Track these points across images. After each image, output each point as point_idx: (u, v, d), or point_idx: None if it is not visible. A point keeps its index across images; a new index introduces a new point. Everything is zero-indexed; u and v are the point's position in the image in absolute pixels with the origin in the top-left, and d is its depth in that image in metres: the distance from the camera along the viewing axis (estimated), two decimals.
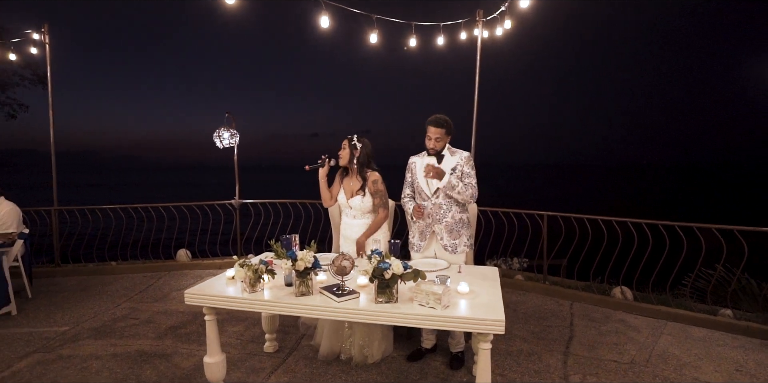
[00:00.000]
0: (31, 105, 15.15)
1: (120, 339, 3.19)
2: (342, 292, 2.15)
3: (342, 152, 2.88)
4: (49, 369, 2.75)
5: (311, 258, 2.14)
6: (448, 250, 2.76)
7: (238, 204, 5.13)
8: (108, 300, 4.06)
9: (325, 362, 2.85)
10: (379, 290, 2.07)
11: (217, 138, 4.60)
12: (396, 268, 2.04)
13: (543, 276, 4.28)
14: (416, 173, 2.82)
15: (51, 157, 4.84)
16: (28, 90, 14.40)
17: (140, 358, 2.90)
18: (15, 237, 3.88)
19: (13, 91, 14.33)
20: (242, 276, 2.19)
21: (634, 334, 3.28)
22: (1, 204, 3.99)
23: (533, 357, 2.92)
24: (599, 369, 2.77)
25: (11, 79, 13.98)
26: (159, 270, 4.98)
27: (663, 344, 3.11)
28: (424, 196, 2.79)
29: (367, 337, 2.82)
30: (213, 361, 2.35)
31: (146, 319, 3.58)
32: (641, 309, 3.63)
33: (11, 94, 14.34)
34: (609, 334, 3.29)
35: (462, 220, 2.79)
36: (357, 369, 2.75)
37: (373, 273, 2.04)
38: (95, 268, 4.94)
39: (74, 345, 3.10)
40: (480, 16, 4.33)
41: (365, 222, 2.93)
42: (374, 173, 2.90)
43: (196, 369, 2.75)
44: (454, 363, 2.80)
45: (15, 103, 14.57)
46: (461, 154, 2.76)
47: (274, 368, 2.78)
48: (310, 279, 2.18)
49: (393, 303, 2.08)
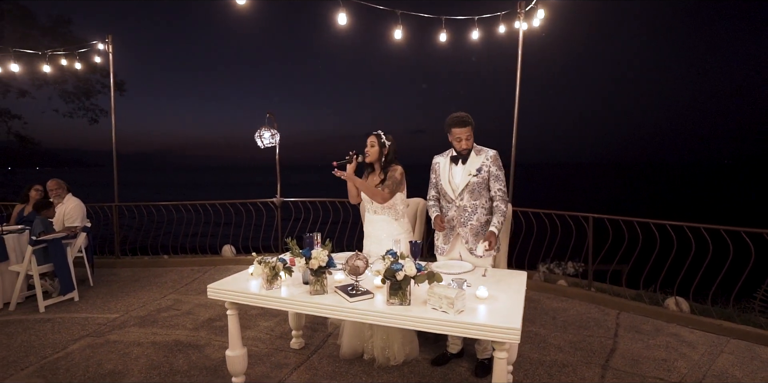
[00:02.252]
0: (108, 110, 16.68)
1: (161, 329, 3.38)
2: (355, 292, 2.12)
3: (370, 149, 2.84)
4: (96, 352, 2.98)
5: (325, 257, 2.13)
6: (474, 254, 2.64)
7: (279, 202, 5.28)
8: (156, 291, 4.34)
9: (348, 361, 2.84)
10: (392, 291, 2.02)
11: (258, 138, 4.75)
12: (408, 269, 1.97)
13: (588, 282, 3.99)
14: (440, 173, 2.73)
15: (113, 156, 5.25)
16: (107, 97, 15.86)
17: (175, 347, 3.05)
18: (78, 230, 4.25)
19: (96, 98, 15.85)
20: (260, 273, 2.23)
21: (687, 350, 2.96)
22: (69, 201, 4.39)
23: (567, 369, 2.73)
24: None
25: (94, 87, 15.48)
26: (205, 265, 5.25)
27: (722, 364, 2.78)
28: (448, 198, 2.69)
29: (388, 339, 2.77)
30: (234, 354, 2.41)
31: (187, 311, 3.77)
32: (699, 322, 3.28)
33: (94, 100, 15.87)
34: (657, 349, 3.00)
35: (488, 223, 2.65)
36: (379, 370, 2.71)
37: (385, 273, 1.99)
38: (149, 261, 5.30)
39: (121, 331, 3.34)
40: (521, 7, 4.13)
41: (386, 218, 2.87)
42: (397, 167, 2.83)
43: (224, 361, 2.82)
44: (480, 370, 2.68)
45: (97, 108, 16.12)
46: (487, 153, 2.63)
47: (298, 365, 2.81)
48: (325, 278, 2.17)
49: (405, 305, 2.01)
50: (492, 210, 2.66)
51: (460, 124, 2.58)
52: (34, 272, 3.74)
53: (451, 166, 2.67)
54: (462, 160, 2.64)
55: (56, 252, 3.83)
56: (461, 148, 2.61)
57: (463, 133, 2.58)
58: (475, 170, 2.58)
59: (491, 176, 2.60)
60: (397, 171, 2.81)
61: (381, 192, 2.73)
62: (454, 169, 2.66)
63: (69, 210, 4.31)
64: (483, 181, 2.60)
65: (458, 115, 2.58)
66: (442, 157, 2.77)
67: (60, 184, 4.41)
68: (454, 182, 2.64)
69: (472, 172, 2.58)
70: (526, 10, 3.95)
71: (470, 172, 2.59)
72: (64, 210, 4.31)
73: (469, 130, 2.59)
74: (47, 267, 3.86)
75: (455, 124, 2.59)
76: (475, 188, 2.59)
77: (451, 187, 2.65)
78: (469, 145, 2.60)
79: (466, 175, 2.60)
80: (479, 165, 2.59)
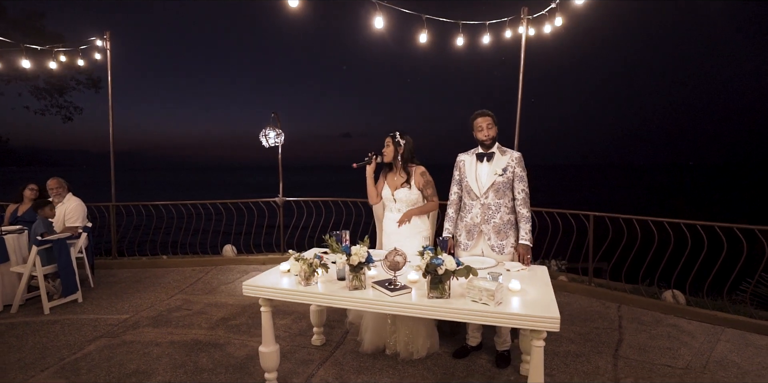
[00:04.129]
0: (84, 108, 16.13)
1: (176, 328, 3.36)
2: (394, 287, 2.19)
3: (386, 149, 2.93)
4: (115, 352, 2.95)
5: (365, 253, 2.19)
6: (495, 251, 2.75)
7: (282, 202, 5.29)
8: (162, 291, 4.29)
9: (372, 356, 2.90)
10: (432, 286, 2.10)
11: (263, 137, 4.76)
12: (449, 264, 2.06)
13: (588, 278, 4.18)
14: (465, 171, 2.83)
15: (110, 156, 5.14)
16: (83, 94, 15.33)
17: (196, 347, 3.05)
18: (80, 230, 4.16)
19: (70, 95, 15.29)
20: (297, 270, 2.28)
21: (687, 339, 3.16)
22: (69, 200, 4.28)
23: (581, 359, 2.87)
24: (652, 373, 2.69)
25: (68, 84, 14.93)
26: (206, 265, 5.20)
27: (721, 351, 2.98)
28: (473, 196, 2.79)
29: (411, 334, 2.86)
30: (268, 351, 2.44)
31: (198, 310, 3.75)
32: (695, 313, 3.49)
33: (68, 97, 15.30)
34: (660, 338, 3.19)
35: (510, 221, 2.77)
36: (404, 364, 2.79)
37: (426, 268, 2.08)
38: (148, 261, 5.21)
39: (135, 332, 3.30)
40: (525, 13, 4.28)
41: None
42: (420, 166, 2.94)
43: (249, 359, 2.87)
44: (501, 361, 2.79)
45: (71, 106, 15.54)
46: (512, 154, 2.75)
47: (323, 360, 2.86)
48: (363, 274, 2.24)
49: (445, 298, 2.10)
50: (514, 209, 2.78)
51: (481, 114, 2.75)
52: (38, 273, 3.65)
53: (477, 164, 2.78)
54: (487, 158, 2.75)
55: (61, 253, 3.74)
56: (484, 136, 2.73)
57: (484, 121, 2.73)
58: (500, 170, 2.70)
59: (516, 177, 2.72)
60: (425, 174, 2.93)
61: (432, 204, 2.95)
62: (480, 167, 2.76)
63: (70, 210, 4.21)
64: (508, 181, 2.72)
65: (480, 110, 2.75)
66: (467, 154, 2.87)
67: (60, 183, 4.31)
68: (480, 180, 2.74)
69: (498, 172, 2.70)
70: (532, 17, 4.10)
71: (496, 172, 2.70)
72: (64, 209, 4.21)
73: (490, 120, 2.73)
74: (51, 268, 3.77)
75: (477, 116, 2.76)
76: (500, 187, 2.71)
77: (477, 185, 2.76)
78: (491, 134, 2.72)
79: (492, 174, 2.71)
80: (505, 165, 2.71)
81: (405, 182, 2.92)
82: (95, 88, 14.98)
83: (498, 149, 2.77)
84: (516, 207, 2.77)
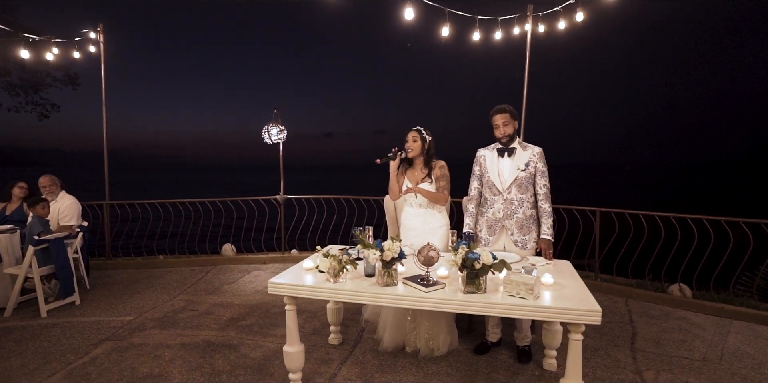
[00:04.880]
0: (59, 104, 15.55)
1: (185, 330, 3.25)
2: (427, 283, 2.15)
3: (413, 144, 2.88)
4: (125, 356, 2.82)
5: (398, 249, 2.15)
6: (518, 246, 2.75)
7: (283, 200, 5.19)
8: (163, 292, 4.14)
9: (392, 354, 2.86)
10: (468, 280, 2.07)
11: (265, 134, 4.65)
12: (485, 258, 2.04)
13: (595, 273, 4.23)
14: (487, 166, 2.81)
15: (104, 154, 4.95)
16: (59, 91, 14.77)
17: (209, 348, 2.95)
18: (77, 229, 3.98)
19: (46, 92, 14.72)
20: (327, 267, 2.22)
21: (699, 332, 3.22)
22: (63, 198, 4.10)
23: (600, 353, 2.89)
24: (672, 365, 2.73)
25: (44, 80, 14.37)
26: (205, 265, 5.06)
27: (733, 342, 3.05)
28: (495, 191, 2.77)
29: (432, 330, 2.83)
30: (293, 351, 2.37)
31: (205, 311, 3.63)
32: (702, 306, 3.57)
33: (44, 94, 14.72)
34: (672, 331, 3.24)
35: (532, 216, 2.76)
36: (425, 361, 2.75)
37: (462, 263, 2.05)
38: (143, 262, 5.04)
39: (142, 334, 3.17)
40: (530, 11, 4.30)
41: (433, 211, 2.93)
42: (440, 161, 2.91)
43: (266, 360, 2.79)
44: (523, 356, 2.78)
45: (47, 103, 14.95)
46: (533, 149, 2.74)
47: (343, 359, 2.80)
48: (395, 270, 2.19)
49: (481, 293, 2.08)
50: (536, 204, 2.77)
51: (498, 111, 2.73)
52: (35, 274, 3.47)
53: (498, 159, 2.76)
54: (509, 153, 2.73)
55: (59, 253, 3.57)
56: (500, 134, 2.72)
57: (500, 118, 2.71)
58: (523, 165, 2.69)
59: (537, 172, 2.71)
60: (444, 167, 2.89)
61: (441, 194, 2.85)
62: (502, 162, 2.75)
63: (64, 209, 4.03)
64: (530, 176, 2.71)
65: (499, 105, 2.72)
66: (487, 150, 2.85)
67: (53, 180, 4.12)
68: (503, 176, 2.73)
69: (521, 167, 2.69)
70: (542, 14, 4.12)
71: (519, 167, 2.69)
72: (58, 208, 4.03)
73: (507, 117, 2.71)
74: (48, 269, 3.60)
75: (495, 112, 2.74)
76: (522, 182, 2.70)
77: (500, 180, 2.74)
78: (507, 131, 2.70)
79: (514, 169, 2.70)
80: (527, 160, 2.70)
81: (426, 176, 2.88)
82: (73, 85, 14.46)
83: (519, 144, 2.76)
84: (538, 202, 2.77)
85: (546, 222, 2.72)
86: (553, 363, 2.69)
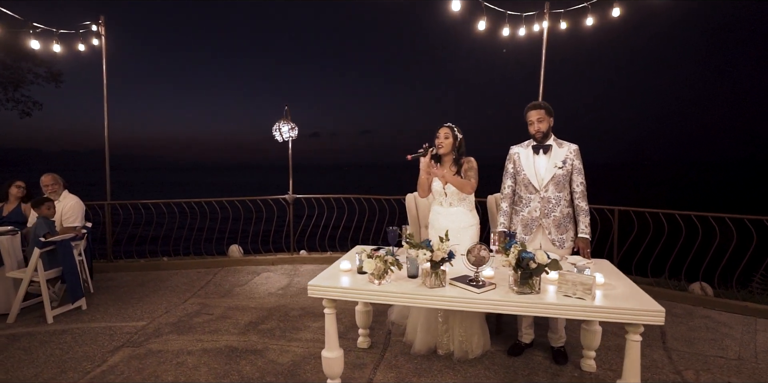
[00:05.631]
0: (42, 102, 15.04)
1: (204, 335, 3.11)
2: (478, 283, 2.07)
3: (444, 141, 2.80)
4: (145, 363, 2.67)
5: (447, 249, 2.07)
6: (556, 245, 2.69)
7: (292, 199, 5.06)
8: (172, 295, 3.98)
9: (425, 357, 2.77)
10: (522, 280, 2.00)
11: (276, 131, 4.53)
12: (540, 257, 1.97)
13: None
14: (522, 164, 2.74)
15: (105, 153, 4.74)
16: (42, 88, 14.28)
17: (233, 354, 2.82)
18: (83, 231, 3.80)
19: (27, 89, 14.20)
20: (372, 268, 2.12)
21: (727, 330, 3.21)
22: (66, 198, 3.91)
23: None
24: (709, 364, 2.70)
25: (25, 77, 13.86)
26: (211, 266, 4.90)
27: (763, 341, 3.04)
28: (531, 189, 2.71)
29: (466, 332, 2.75)
30: (333, 356, 2.26)
31: (221, 315, 3.49)
32: (725, 305, 3.57)
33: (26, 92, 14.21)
34: (700, 330, 3.22)
35: (569, 215, 2.71)
36: (460, 364, 2.68)
37: (517, 262, 1.98)
38: (147, 264, 4.85)
39: (159, 340, 3.02)
40: (547, 8, 4.27)
41: (462, 209, 2.85)
42: (470, 158, 2.82)
43: (296, 365, 2.67)
44: (559, 357, 2.73)
45: (29, 100, 14.44)
46: (570, 146, 2.68)
47: (376, 364, 2.70)
48: (444, 271, 2.11)
49: (535, 293, 2.01)
50: (572, 202, 2.72)
51: (533, 106, 2.68)
52: (40, 278, 3.29)
53: (534, 157, 2.70)
54: (544, 150, 2.67)
55: (66, 255, 3.39)
56: (534, 130, 2.67)
57: (533, 115, 2.66)
58: (560, 162, 2.62)
59: (574, 169, 2.65)
60: (472, 162, 2.81)
61: (468, 182, 2.72)
62: (538, 160, 2.68)
63: (68, 209, 3.84)
64: (567, 174, 2.65)
65: (535, 101, 2.69)
66: (521, 147, 2.78)
67: (56, 179, 3.93)
68: (539, 173, 2.66)
69: (558, 164, 2.62)
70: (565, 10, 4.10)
71: (556, 164, 2.63)
72: (61, 208, 3.83)
73: (542, 114, 2.65)
74: (54, 272, 3.41)
75: (529, 108, 2.70)
76: (560, 180, 2.64)
77: (536, 178, 2.67)
78: (542, 127, 2.64)
79: (551, 166, 2.64)
80: (563, 157, 2.64)
81: (456, 174, 2.80)
82: (55, 82, 14.02)
83: (555, 141, 2.70)
84: (575, 200, 2.71)
85: (584, 221, 2.67)
86: (592, 364, 2.63)
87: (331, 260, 5.00)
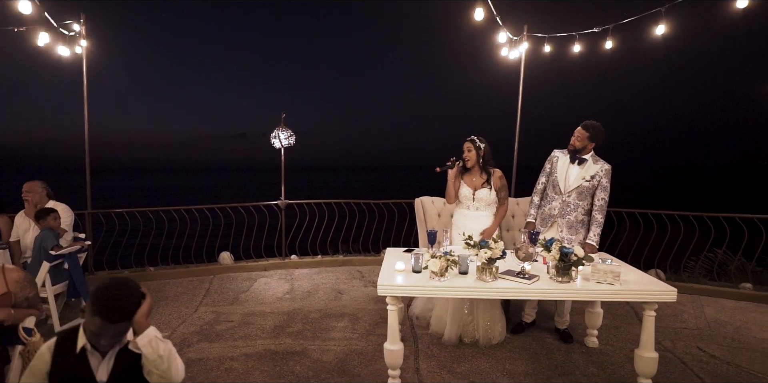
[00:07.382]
0: None
1: (237, 341, 3.15)
2: (526, 276, 2.44)
3: (469, 154, 3.14)
4: (193, 371, 2.69)
5: (502, 247, 2.40)
6: (564, 242, 3.14)
7: (284, 205, 5.12)
8: (179, 305, 3.91)
9: (454, 346, 3.09)
10: (563, 271, 2.40)
11: (275, 138, 4.58)
12: (578, 252, 2.38)
13: None
14: (557, 167, 3.13)
15: (85, 158, 4.46)
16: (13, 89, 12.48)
17: (276, 356, 2.92)
18: (87, 243, 3.61)
19: None
20: (437, 267, 2.39)
21: (681, 307, 3.91)
22: (58, 207, 3.67)
23: (621, 329, 3.42)
24: (678, 335, 3.32)
25: None
26: (203, 274, 4.80)
27: (710, 313, 3.77)
28: (557, 190, 3.12)
29: (490, 321, 3.12)
30: (396, 348, 2.49)
31: (242, 321, 3.53)
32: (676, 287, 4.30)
33: None
34: (663, 308, 3.87)
35: (583, 221, 3.12)
36: (488, 349, 3.03)
37: (561, 257, 2.37)
38: (132, 275, 4.63)
39: (193, 349, 3.02)
40: (525, 31, 4.79)
41: (488, 213, 3.22)
42: (497, 170, 3.20)
43: (342, 362, 2.85)
44: (567, 337, 3.19)
45: None
46: (603, 165, 3.06)
47: (415, 354, 2.96)
48: (496, 267, 2.44)
49: (573, 282, 2.41)
50: (590, 212, 3.11)
51: (582, 124, 3.05)
52: (48, 293, 3.10)
53: (569, 165, 3.10)
54: (579, 162, 3.07)
55: (75, 268, 3.23)
56: (570, 142, 3.07)
57: (578, 132, 3.04)
58: (589, 176, 3.03)
59: (600, 186, 3.05)
60: (503, 178, 3.20)
61: (506, 207, 3.23)
62: (572, 168, 3.08)
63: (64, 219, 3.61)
64: (592, 188, 3.06)
65: (589, 121, 3.03)
66: (562, 152, 3.18)
67: (32, 187, 3.62)
68: (568, 180, 3.08)
69: (587, 177, 3.03)
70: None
71: (584, 177, 3.04)
72: None
73: (584, 135, 3.01)
74: (61, 286, 3.23)
75: (582, 124, 3.05)
76: (583, 191, 3.06)
77: (564, 183, 3.09)
78: (575, 144, 3.04)
79: (580, 178, 3.05)
80: (594, 173, 3.04)
81: (485, 182, 3.16)
82: None
83: (592, 157, 3.07)
84: (593, 211, 3.09)
85: (594, 230, 3.07)
86: (595, 341, 3.13)
87: (324, 264, 5.16)
